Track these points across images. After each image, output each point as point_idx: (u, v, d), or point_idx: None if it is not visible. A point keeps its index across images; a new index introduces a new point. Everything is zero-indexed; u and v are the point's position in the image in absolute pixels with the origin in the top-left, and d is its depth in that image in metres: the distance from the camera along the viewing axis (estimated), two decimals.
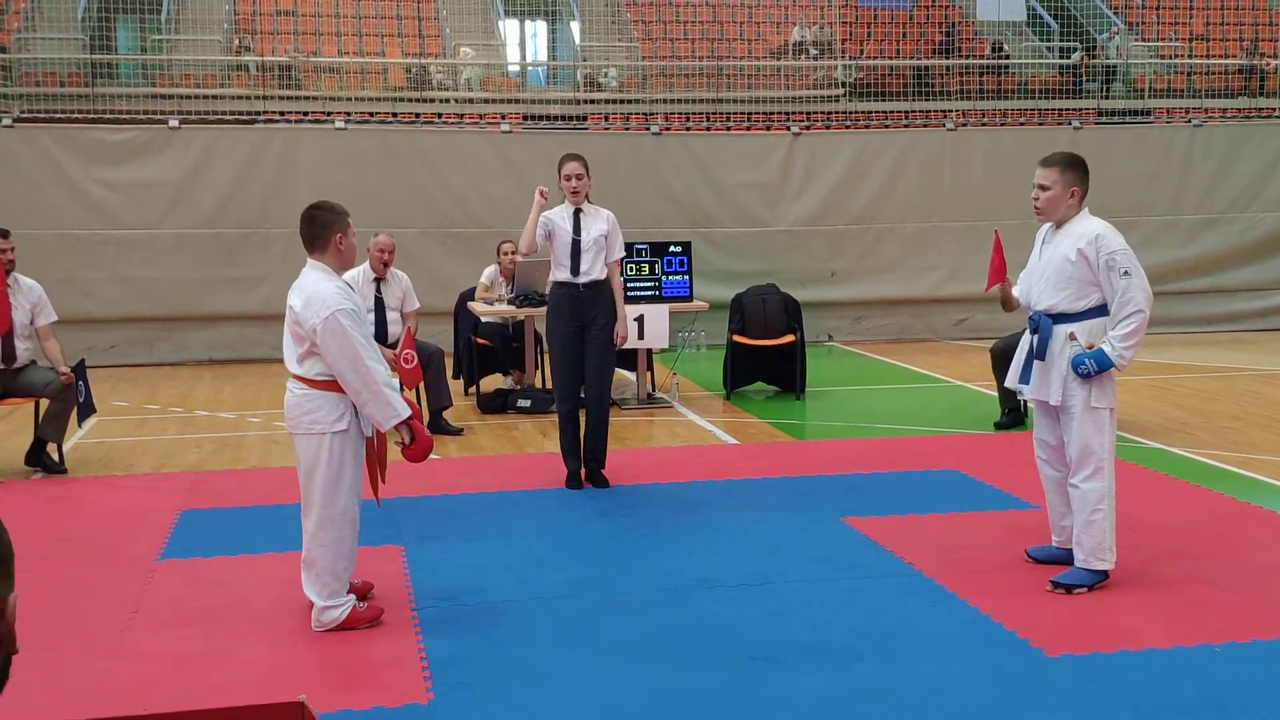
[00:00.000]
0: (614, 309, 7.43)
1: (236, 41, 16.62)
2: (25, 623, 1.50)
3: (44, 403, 7.83)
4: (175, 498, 7.21)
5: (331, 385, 4.89)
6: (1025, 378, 5.50)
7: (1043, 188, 5.40)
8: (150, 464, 8.26)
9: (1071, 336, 5.30)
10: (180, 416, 10.06)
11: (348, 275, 8.74)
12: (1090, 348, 5.25)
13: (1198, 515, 6.64)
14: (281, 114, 14.58)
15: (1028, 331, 5.53)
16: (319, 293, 4.86)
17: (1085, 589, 5.33)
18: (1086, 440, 5.32)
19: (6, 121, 12.73)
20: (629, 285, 10.47)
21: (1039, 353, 5.41)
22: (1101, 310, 5.32)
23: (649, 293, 10.57)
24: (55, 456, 7.95)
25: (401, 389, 5.46)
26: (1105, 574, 5.39)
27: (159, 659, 4.72)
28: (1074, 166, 5.42)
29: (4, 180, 12.31)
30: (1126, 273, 5.21)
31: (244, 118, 14.04)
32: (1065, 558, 5.55)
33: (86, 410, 8.09)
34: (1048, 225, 5.51)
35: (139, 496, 7.31)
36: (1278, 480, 7.56)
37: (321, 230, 5.00)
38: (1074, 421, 5.34)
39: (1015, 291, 5.71)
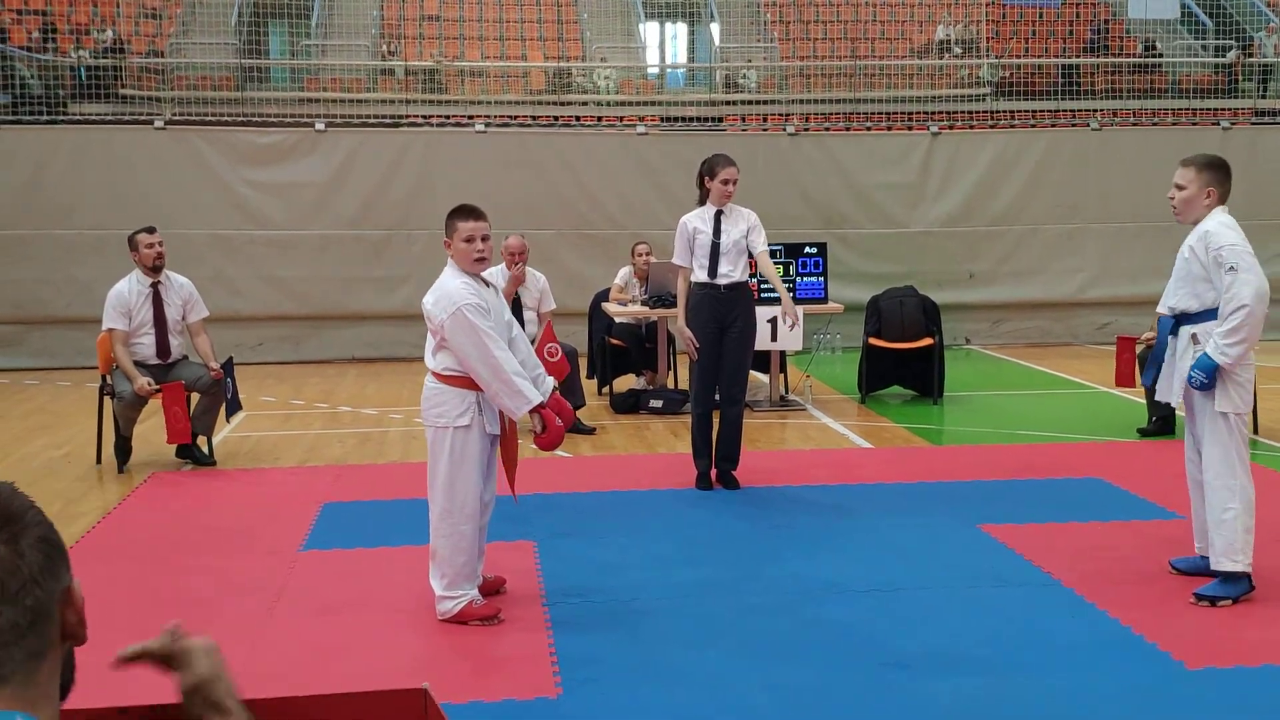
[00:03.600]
0: (753, 312, 7.42)
1: (383, 47, 17.02)
2: (174, 610, 1.53)
3: (194, 397, 8.11)
4: (318, 490, 7.41)
5: (459, 380, 5.00)
6: (1148, 378, 5.43)
7: (1179, 187, 5.31)
8: (295, 458, 8.51)
9: (1195, 338, 5.20)
10: (324, 412, 10.34)
11: (489, 272, 8.90)
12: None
13: None
14: (425, 118, 14.88)
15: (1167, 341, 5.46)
16: (446, 289, 5.00)
17: (1230, 600, 5.17)
18: (1216, 442, 5.21)
19: (159, 124, 13.22)
20: (763, 286, 10.41)
21: (1160, 354, 5.37)
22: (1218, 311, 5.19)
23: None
24: (205, 449, 8.24)
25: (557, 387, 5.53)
26: (1248, 583, 5.21)
27: (299, 646, 4.86)
28: (1212, 167, 5.28)
29: (156, 181, 12.79)
30: (1233, 268, 5.06)
31: (388, 121, 14.37)
32: (1209, 568, 5.38)
33: (234, 407, 8.37)
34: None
35: (284, 489, 7.53)
36: None
37: (444, 234, 5.14)
38: (1202, 423, 5.26)
39: (1159, 308, 5.60)
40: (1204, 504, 5.44)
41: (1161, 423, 8.86)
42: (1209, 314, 5.20)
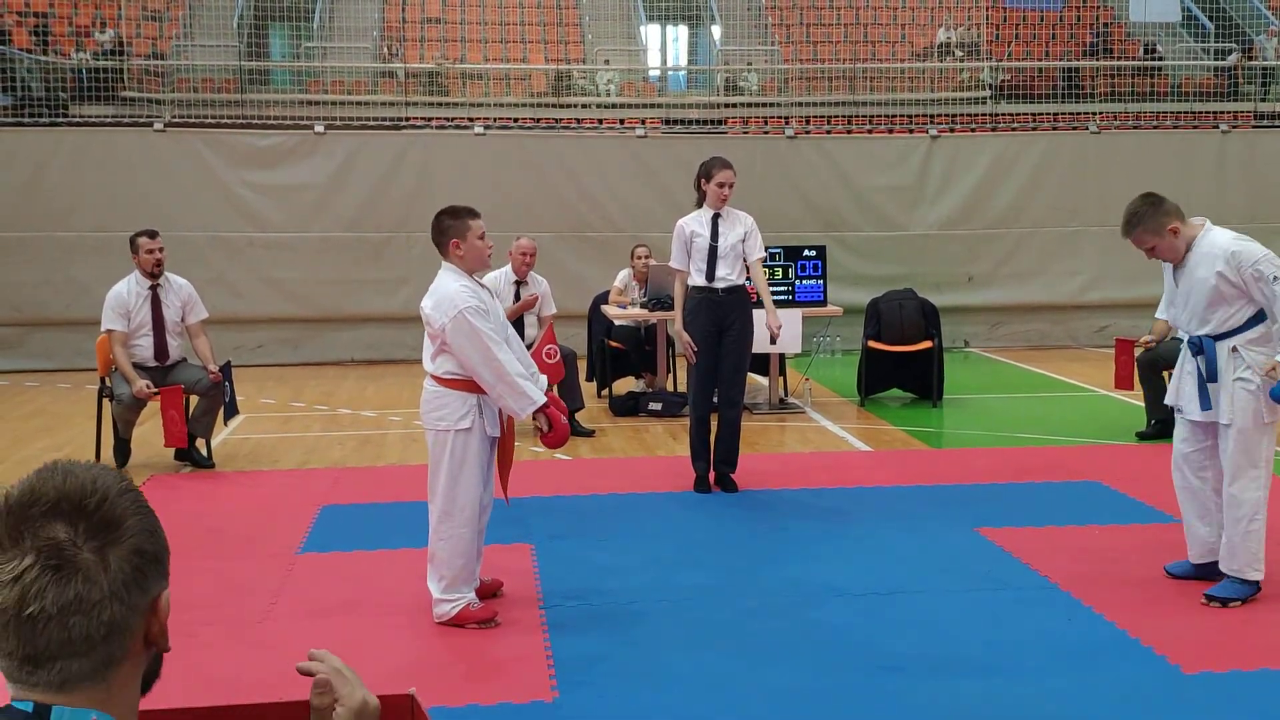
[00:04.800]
0: (750, 315, 7.42)
1: (385, 49, 17.04)
2: (173, 612, 1.51)
3: (193, 400, 8.12)
4: (317, 493, 7.42)
5: (460, 384, 5.00)
6: (1206, 403, 5.31)
7: (1149, 250, 5.33)
8: (294, 460, 8.52)
9: (1235, 350, 5.19)
10: (324, 414, 10.35)
11: (489, 277, 8.97)
12: (1272, 371, 5.10)
13: None
14: (425, 120, 14.89)
15: (1188, 355, 5.39)
16: (447, 293, 4.99)
17: (1240, 602, 5.22)
18: (1250, 451, 5.21)
19: (159, 126, 13.23)
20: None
21: (1212, 374, 5.26)
22: (1259, 318, 5.19)
23: (782, 297, 10.51)
24: (204, 452, 8.24)
25: (550, 387, 5.55)
26: (1258, 586, 5.26)
27: (295, 649, 4.82)
28: (1152, 215, 5.27)
29: (157, 183, 12.79)
30: (1277, 278, 5.07)
31: (388, 123, 14.38)
32: (1202, 574, 5.41)
33: (231, 410, 8.37)
34: None
35: (282, 491, 7.54)
36: None
37: (439, 236, 5.16)
38: (1239, 433, 5.21)
39: (1160, 315, 5.58)
40: (1198, 510, 5.45)
41: (1160, 426, 8.84)
42: (1247, 326, 5.19)
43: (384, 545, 6.26)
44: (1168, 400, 5.66)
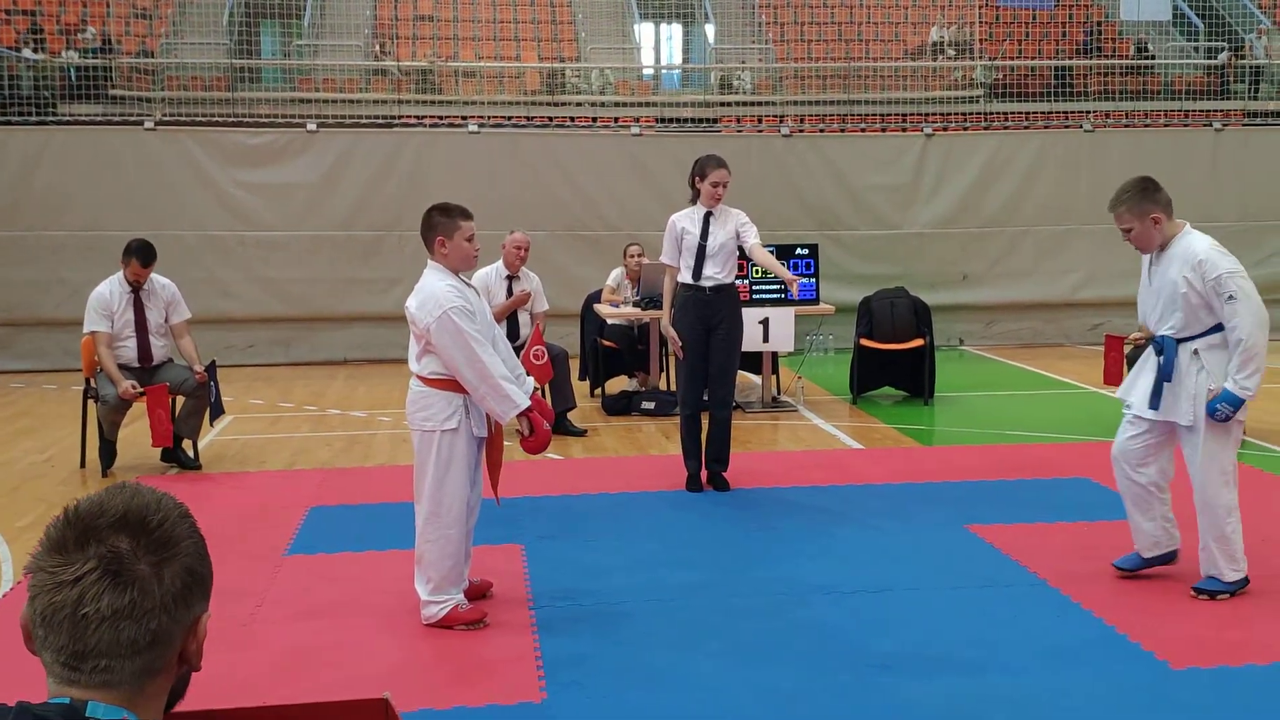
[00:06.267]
0: (739, 314, 7.40)
1: (376, 47, 16.99)
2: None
3: (180, 400, 8.07)
4: (305, 494, 7.38)
5: (445, 384, 4.97)
6: (1155, 403, 5.32)
7: (1125, 230, 5.30)
8: (282, 461, 8.48)
9: (1196, 354, 5.18)
10: (313, 415, 10.31)
11: (479, 274, 8.94)
12: (1213, 394, 5.10)
13: None
14: (418, 118, 14.85)
15: (1152, 352, 5.39)
16: (432, 292, 4.95)
17: (1228, 594, 5.26)
18: (1216, 455, 5.19)
19: (149, 124, 13.18)
20: (755, 288, 10.42)
21: (1167, 374, 5.26)
22: (1220, 326, 5.16)
23: (775, 295, 10.50)
24: (190, 453, 8.20)
25: (537, 389, 5.51)
26: (1244, 581, 5.31)
27: (283, 651, 4.83)
28: (1139, 197, 5.25)
29: (147, 182, 12.75)
30: (1232, 297, 5.05)
31: (381, 122, 14.34)
32: (1154, 564, 5.48)
33: (217, 411, 8.31)
34: None
35: (270, 492, 7.50)
36: None
37: (428, 231, 5.10)
38: (1201, 437, 5.19)
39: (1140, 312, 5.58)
40: (1142, 509, 5.47)
41: None
42: (1208, 332, 5.18)
43: (372, 547, 6.23)
44: (1119, 393, 5.63)
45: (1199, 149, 14.36)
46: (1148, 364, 5.42)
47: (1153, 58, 17.38)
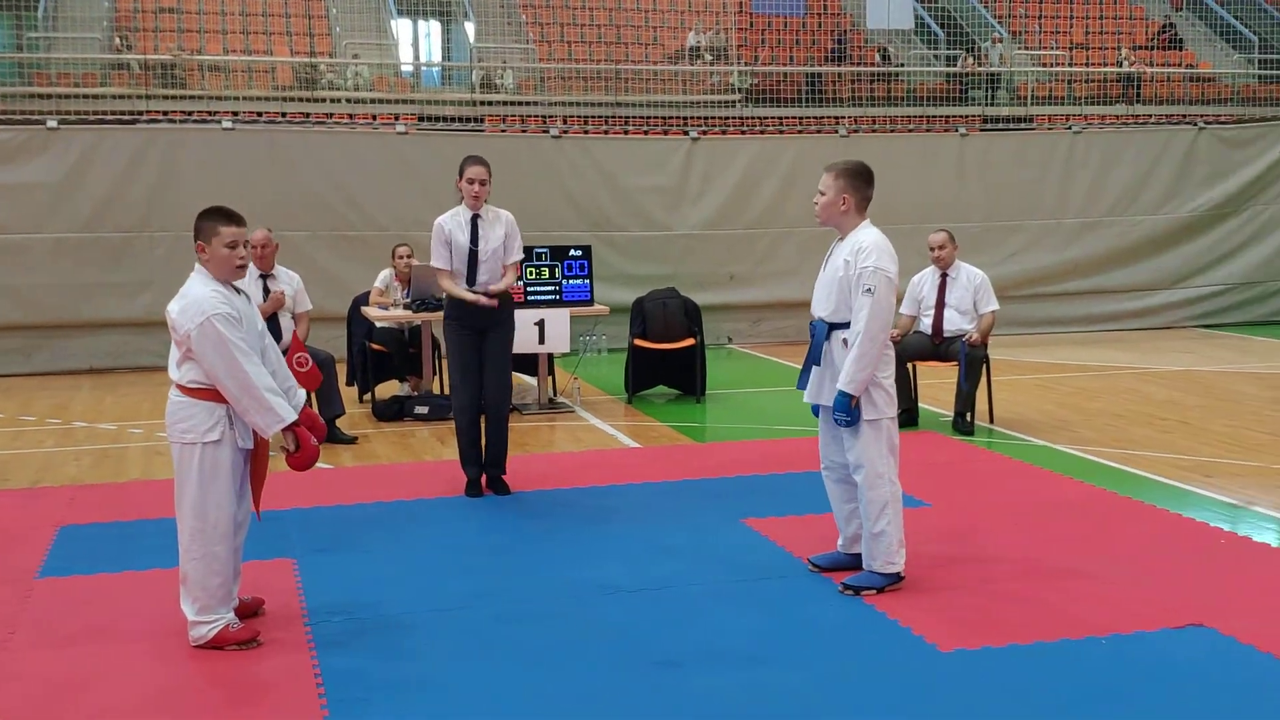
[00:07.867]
0: (511, 316, 7.33)
1: (117, 39, 16.13)
2: None
3: None
4: (53, 513, 6.92)
5: (207, 394, 4.71)
6: (803, 383, 5.48)
7: (820, 193, 5.44)
8: (26, 478, 7.94)
9: (845, 343, 5.27)
10: (58, 428, 9.70)
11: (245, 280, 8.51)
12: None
13: (1081, 509, 6.76)
14: (165, 114, 14.16)
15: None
16: (195, 297, 4.70)
17: (875, 590, 5.33)
18: (864, 451, 5.29)
19: None
20: (529, 289, 10.37)
21: (815, 357, 5.41)
22: None
23: (549, 296, 10.47)
24: None
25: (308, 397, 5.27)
26: (898, 576, 5.39)
27: (39, 682, 4.49)
28: (849, 174, 5.42)
29: None
30: (869, 290, 5.19)
31: (126, 118, 13.59)
32: (850, 563, 5.59)
33: None
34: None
35: (14, 512, 6.99)
36: (1156, 474, 7.73)
37: (194, 237, 4.82)
38: (852, 432, 5.31)
39: (904, 311, 5.67)
40: (841, 506, 5.61)
41: (905, 415, 9.19)
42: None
43: (130, 566, 5.88)
44: (807, 398, 5.58)
45: (945, 153, 15.09)
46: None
47: (901, 65, 18.16)
